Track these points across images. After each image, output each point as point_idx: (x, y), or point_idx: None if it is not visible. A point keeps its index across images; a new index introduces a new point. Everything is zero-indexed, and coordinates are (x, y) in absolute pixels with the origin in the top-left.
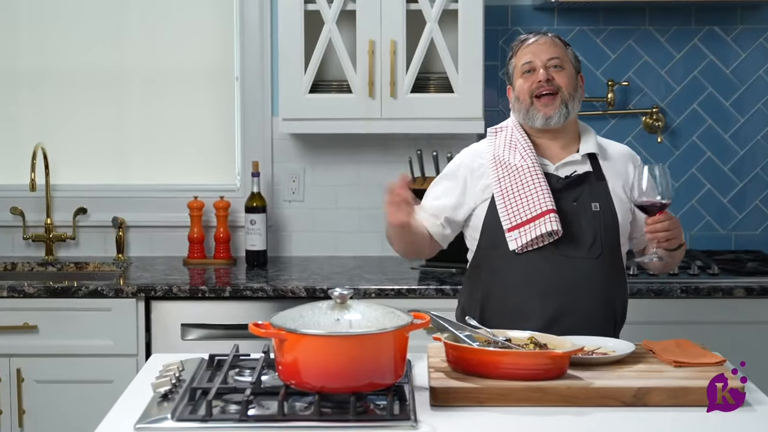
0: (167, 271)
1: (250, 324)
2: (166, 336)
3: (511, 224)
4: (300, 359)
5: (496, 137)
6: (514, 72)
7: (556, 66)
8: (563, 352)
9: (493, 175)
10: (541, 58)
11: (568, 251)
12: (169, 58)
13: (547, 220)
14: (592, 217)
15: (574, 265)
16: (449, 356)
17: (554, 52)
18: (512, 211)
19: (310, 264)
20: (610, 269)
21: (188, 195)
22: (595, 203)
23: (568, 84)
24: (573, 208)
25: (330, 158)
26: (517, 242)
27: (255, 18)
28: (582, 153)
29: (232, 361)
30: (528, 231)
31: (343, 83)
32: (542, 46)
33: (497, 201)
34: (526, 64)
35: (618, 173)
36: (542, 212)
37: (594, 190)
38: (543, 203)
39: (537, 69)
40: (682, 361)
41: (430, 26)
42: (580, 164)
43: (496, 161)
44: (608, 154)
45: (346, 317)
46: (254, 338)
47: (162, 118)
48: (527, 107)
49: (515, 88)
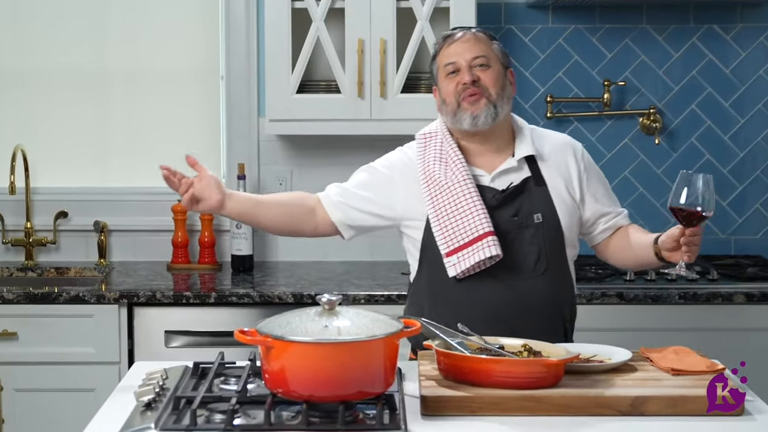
0: (150, 276)
1: (235, 331)
2: (149, 343)
3: (449, 248)
4: (287, 367)
5: (425, 147)
6: (438, 73)
7: (481, 65)
8: (558, 359)
9: (426, 194)
10: (465, 57)
11: (512, 271)
12: (152, 57)
13: (486, 245)
14: (535, 231)
15: (519, 286)
16: (441, 364)
17: (479, 50)
18: (449, 234)
19: (297, 269)
20: (556, 281)
21: (172, 198)
22: (537, 214)
23: (495, 83)
24: (513, 223)
25: (318, 160)
26: (456, 268)
27: (241, 16)
28: (518, 157)
29: (217, 369)
30: (467, 256)
31: (331, 83)
32: (466, 45)
33: (432, 223)
34: (449, 65)
35: (558, 172)
36: (480, 235)
37: (534, 198)
38: (480, 225)
39: (461, 69)
40: (680, 369)
41: (420, 24)
42: (516, 171)
43: (427, 177)
44: (545, 152)
45: (335, 324)
46: (240, 345)
47: (145, 119)
48: (454, 110)
49: (441, 90)
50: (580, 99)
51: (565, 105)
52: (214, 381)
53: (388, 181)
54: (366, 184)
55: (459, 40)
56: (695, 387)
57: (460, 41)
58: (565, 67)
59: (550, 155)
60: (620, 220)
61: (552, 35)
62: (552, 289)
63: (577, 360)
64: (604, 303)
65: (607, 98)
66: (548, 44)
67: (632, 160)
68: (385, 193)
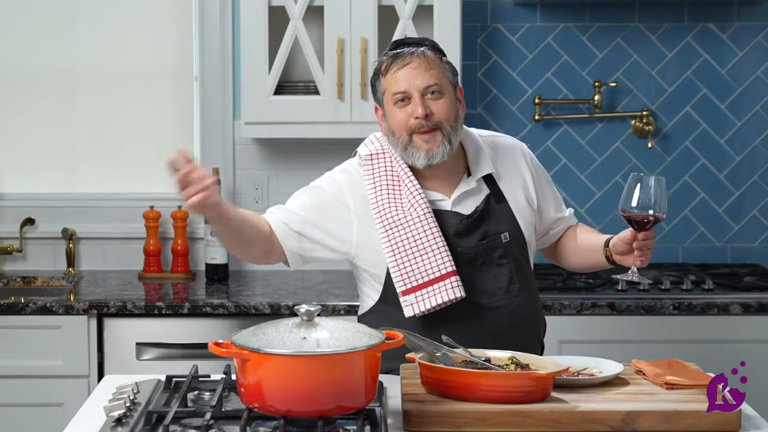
0: (121, 286)
1: (210, 343)
2: (119, 356)
3: (405, 287)
4: (264, 381)
5: (373, 170)
6: (385, 97)
7: (434, 92)
8: (546, 373)
9: (380, 228)
10: (417, 86)
11: (485, 296)
12: (123, 55)
13: (449, 285)
14: (503, 251)
15: (493, 310)
16: (424, 377)
17: (431, 77)
18: (406, 272)
19: (274, 278)
20: (530, 298)
21: (144, 204)
22: (504, 233)
23: (449, 114)
24: (482, 248)
25: (296, 165)
26: (413, 309)
27: (216, 13)
28: (476, 177)
29: (190, 382)
30: (426, 297)
31: (310, 84)
32: (417, 71)
33: (388, 259)
34: (399, 94)
35: (516, 183)
36: (441, 275)
37: (499, 217)
38: (442, 264)
39: (413, 99)
40: (674, 383)
41: (403, 23)
42: (476, 192)
43: (380, 209)
44: (499, 163)
45: (314, 336)
46: (215, 358)
47: (115, 122)
48: (405, 144)
49: (388, 118)
50: (569, 101)
51: (554, 107)
52: (187, 395)
53: (340, 207)
54: (317, 209)
55: (409, 65)
56: (690, 401)
57: (410, 67)
58: (554, 67)
59: (505, 167)
60: (570, 220)
61: (540, 34)
62: (527, 308)
63: (567, 373)
64: (595, 314)
65: (598, 100)
66: (536, 43)
67: (624, 164)
68: (340, 224)
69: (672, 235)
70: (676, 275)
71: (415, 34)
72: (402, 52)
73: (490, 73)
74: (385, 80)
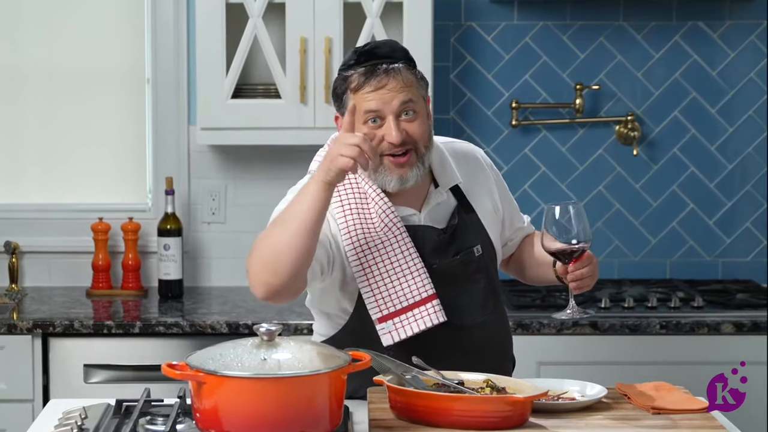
0: (68, 303)
1: (163, 365)
2: (66, 378)
3: (381, 314)
4: (221, 405)
5: (338, 190)
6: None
7: (407, 113)
8: (524, 396)
9: (350, 250)
10: (392, 106)
11: (461, 314)
12: (70, 56)
13: (431, 310)
14: (477, 265)
15: (470, 329)
16: (393, 402)
17: (406, 95)
18: (381, 297)
19: (232, 295)
20: (500, 313)
21: (92, 216)
22: (477, 246)
23: (424, 135)
24: (457, 263)
25: (256, 174)
26: (392, 337)
27: (169, 10)
28: (444, 188)
29: (142, 407)
30: (405, 324)
31: (270, 87)
32: (393, 92)
33: (359, 282)
34: (371, 113)
35: (480, 189)
36: (422, 299)
37: (470, 230)
38: (422, 288)
39: (386, 120)
40: (661, 408)
41: (370, 21)
42: (446, 204)
43: (349, 230)
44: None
45: (274, 357)
46: (168, 381)
47: (62, 126)
48: (375, 166)
49: None
50: (549, 105)
51: (533, 111)
52: (139, 421)
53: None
54: None
55: (385, 87)
56: (677, 427)
57: (386, 89)
58: (533, 69)
59: (469, 175)
60: (528, 229)
61: (517, 33)
62: (501, 324)
63: (546, 397)
64: (576, 333)
65: (580, 104)
66: (513, 43)
67: (607, 173)
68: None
69: (659, 249)
70: (663, 292)
71: (383, 34)
72: (376, 71)
73: (463, 75)
74: (355, 97)
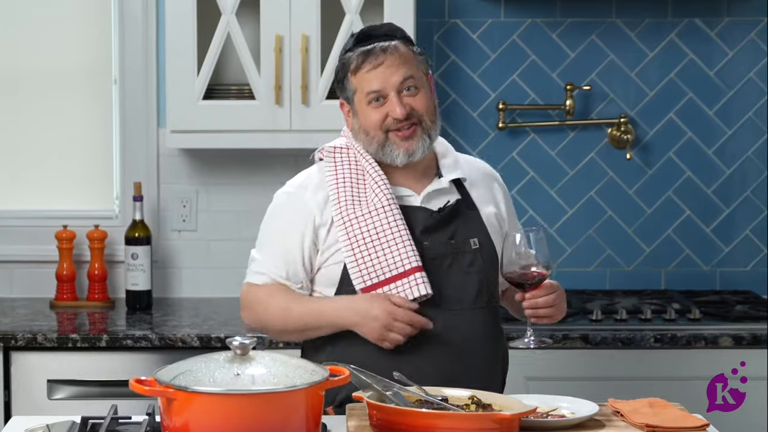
0: (30, 315)
1: (131, 380)
2: (29, 394)
3: (364, 284)
4: (192, 422)
5: (335, 163)
6: (355, 96)
7: (410, 88)
8: (512, 414)
9: (338, 218)
10: (393, 83)
11: (450, 302)
12: (33, 56)
13: (414, 282)
14: (473, 258)
15: (457, 320)
16: (373, 419)
17: (406, 71)
18: (366, 267)
19: (204, 307)
20: (496, 316)
21: (56, 223)
22: (474, 239)
23: (428, 107)
24: (450, 248)
25: (229, 179)
26: None
27: (137, 6)
28: (447, 179)
29: (109, 424)
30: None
31: (244, 87)
32: (391, 69)
33: (346, 253)
34: (373, 93)
35: (487, 199)
36: (405, 271)
37: (469, 222)
38: (406, 259)
39: (388, 97)
40: (656, 426)
41: (349, 18)
42: (447, 193)
43: (340, 198)
44: (472, 176)
45: (248, 372)
46: (136, 397)
47: (24, 130)
48: (381, 142)
49: (360, 116)
50: (537, 106)
51: (521, 113)
52: None
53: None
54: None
55: (383, 64)
56: None
57: (384, 65)
58: (520, 68)
59: (475, 179)
60: None
61: (505, 31)
62: (493, 324)
63: (534, 414)
64: (566, 347)
65: (570, 105)
66: (500, 42)
67: (599, 178)
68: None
69: (654, 258)
70: (658, 303)
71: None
72: (373, 49)
73: (448, 75)
74: (355, 79)
